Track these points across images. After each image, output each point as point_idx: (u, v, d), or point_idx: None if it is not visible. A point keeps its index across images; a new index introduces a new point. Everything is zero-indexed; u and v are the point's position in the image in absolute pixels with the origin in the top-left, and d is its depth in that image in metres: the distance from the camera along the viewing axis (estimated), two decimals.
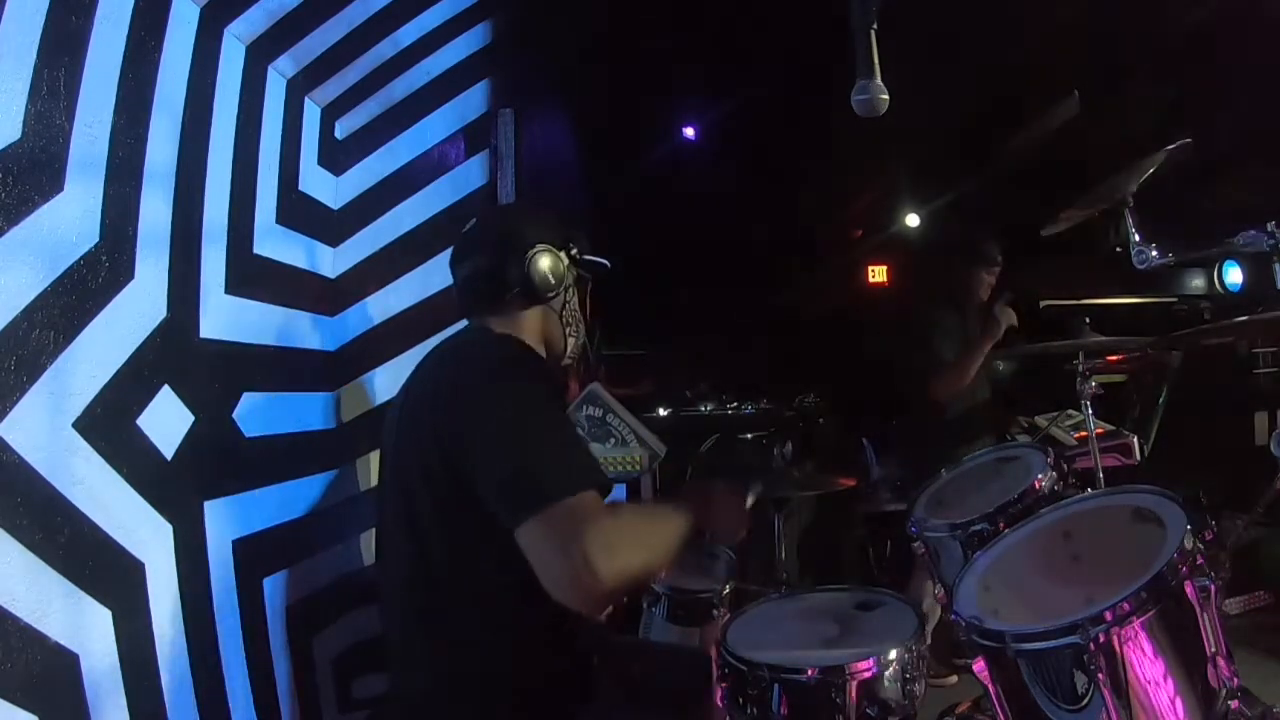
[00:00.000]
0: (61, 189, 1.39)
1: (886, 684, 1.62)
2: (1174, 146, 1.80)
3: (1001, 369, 4.66)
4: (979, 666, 1.53)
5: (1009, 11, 3.72)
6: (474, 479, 1.35)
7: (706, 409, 4.27)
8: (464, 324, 1.75)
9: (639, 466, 2.83)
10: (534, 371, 1.52)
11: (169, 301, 1.66)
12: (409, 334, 2.40)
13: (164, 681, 1.55)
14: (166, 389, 1.63)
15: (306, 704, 2.06)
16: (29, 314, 1.31)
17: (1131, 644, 1.34)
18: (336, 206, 2.39)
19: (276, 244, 2.09)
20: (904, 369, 3.56)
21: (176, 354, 1.66)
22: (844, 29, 1.41)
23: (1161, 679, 1.36)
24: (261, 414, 1.95)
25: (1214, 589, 1.42)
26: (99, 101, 1.48)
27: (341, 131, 2.41)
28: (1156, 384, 3.98)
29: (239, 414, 1.87)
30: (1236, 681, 1.42)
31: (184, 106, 1.73)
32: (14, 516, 1.26)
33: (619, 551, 1.27)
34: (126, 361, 1.52)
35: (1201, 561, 1.41)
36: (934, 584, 2.31)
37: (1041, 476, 2.09)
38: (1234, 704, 1.39)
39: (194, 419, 1.69)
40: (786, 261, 5.44)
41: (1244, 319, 2.17)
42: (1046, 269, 4.43)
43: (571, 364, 1.81)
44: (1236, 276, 4.47)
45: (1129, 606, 1.33)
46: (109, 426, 1.46)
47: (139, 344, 1.56)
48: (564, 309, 1.71)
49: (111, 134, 1.51)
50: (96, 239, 1.46)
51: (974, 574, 1.68)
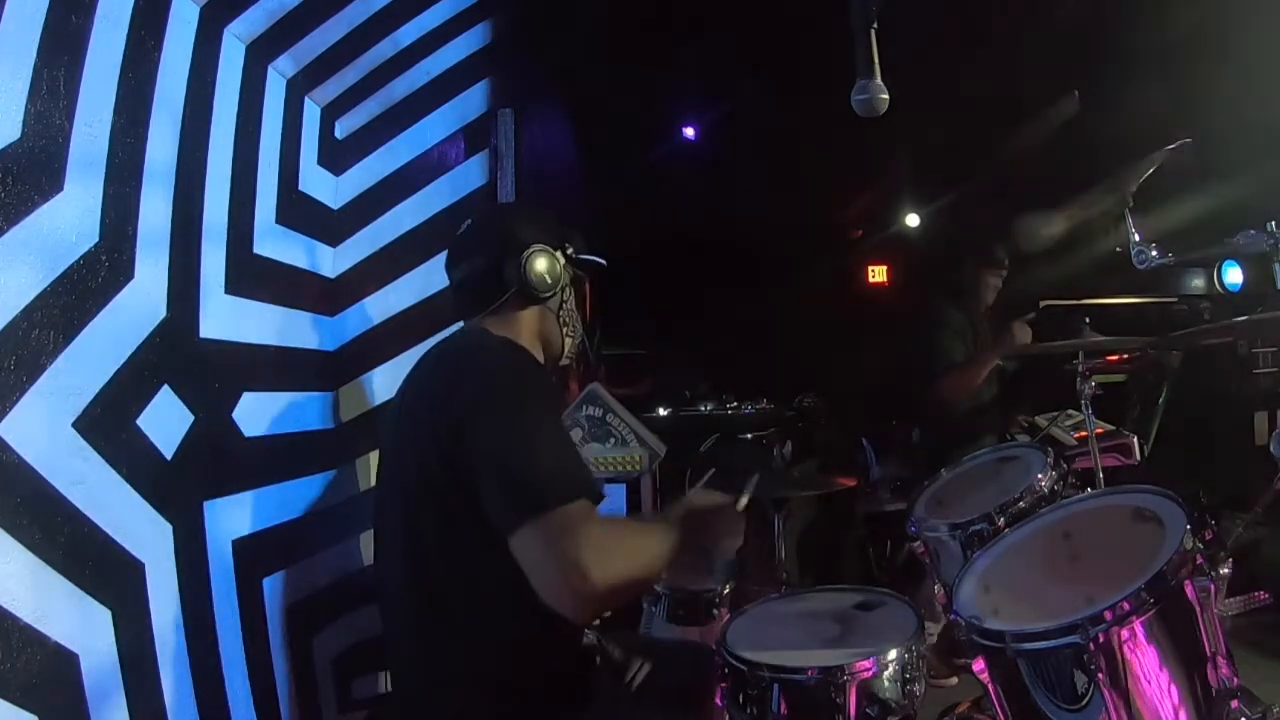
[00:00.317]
0: (61, 189, 1.38)
1: (886, 684, 1.62)
2: (1174, 146, 1.80)
3: (1003, 368, 4.67)
4: (979, 666, 1.53)
5: (1009, 11, 3.72)
6: (471, 482, 1.36)
7: (706, 409, 4.28)
8: (462, 324, 1.75)
9: (639, 466, 2.83)
10: (531, 377, 1.52)
11: (169, 301, 1.65)
12: (409, 334, 2.39)
13: (164, 681, 1.55)
14: (166, 389, 1.63)
15: (306, 704, 2.06)
16: (29, 314, 1.31)
17: (1131, 644, 1.34)
18: (336, 206, 2.39)
19: (276, 244, 2.09)
20: (909, 369, 3.56)
21: (176, 354, 1.66)
22: (844, 29, 1.41)
23: (1161, 679, 1.36)
24: (261, 414, 1.95)
25: (1214, 589, 1.42)
26: (99, 101, 1.48)
27: (341, 131, 2.41)
28: (1156, 384, 3.98)
29: (239, 414, 1.87)
30: (1236, 681, 1.42)
31: (184, 106, 1.73)
32: (14, 516, 1.26)
33: (611, 561, 1.28)
34: (126, 361, 1.52)
35: (1201, 561, 1.41)
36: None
37: (1041, 476, 2.09)
38: (1234, 704, 1.39)
39: (194, 419, 1.69)
40: (786, 261, 5.44)
41: (1244, 319, 2.17)
42: (1046, 269, 4.43)
43: (570, 364, 1.81)
44: (1236, 276, 4.46)
45: (1129, 606, 1.33)
46: (109, 426, 1.46)
47: (139, 344, 1.56)
48: (561, 309, 1.71)
49: (111, 134, 1.51)
50: (96, 239, 1.46)
51: (974, 574, 1.68)
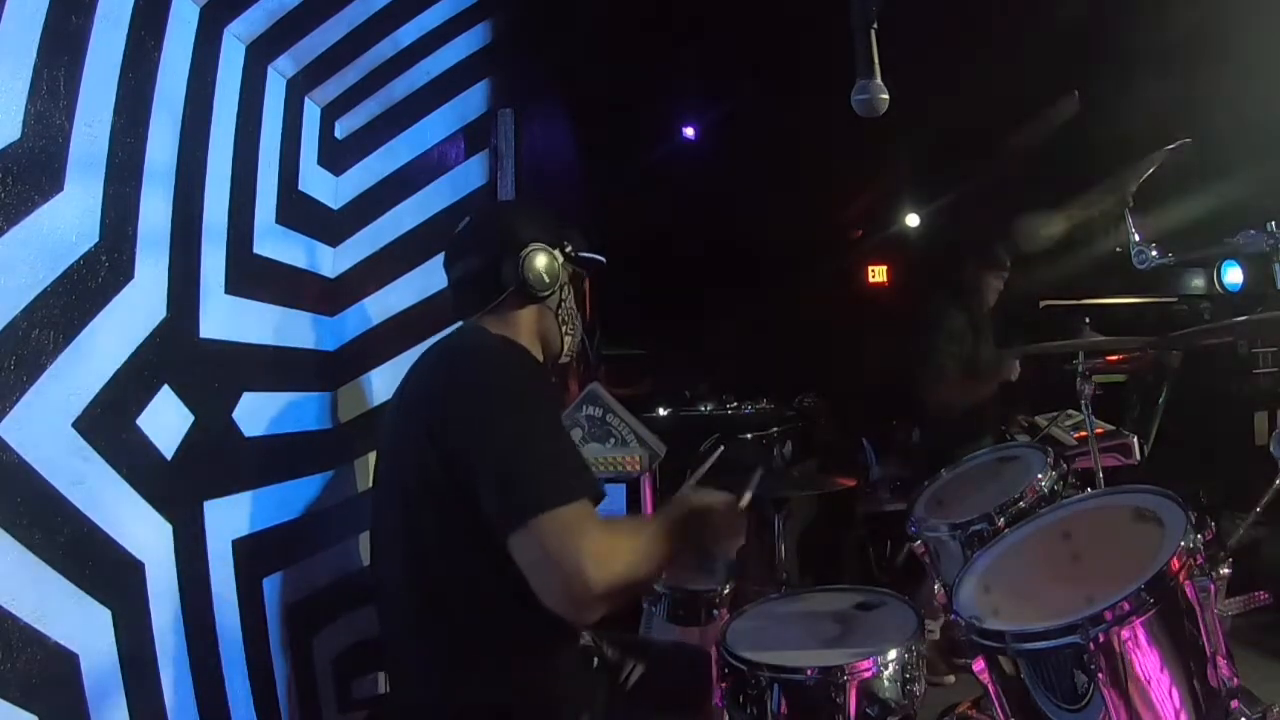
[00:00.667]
0: (61, 189, 1.38)
1: (886, 684, 1.62)
2: (1174, 146, 1.80)
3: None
4: (979, 666, 1.53)
5: (1009, 11, 3.72)
6: (469, 481, 1.36)
7: (706, 409, 4.28)
8: (461, 324, 1.75)
9: (639, 466, 2.83)
10: (530, 376, 1.51)
11: (169, 301, 1.65)
12: (409, 334, 2.39)
13: (164, 681, 1.55)
14: (166, 389, 1.62)
15: (306, 704, 2.06)
16: (29, 314, 1.31)
17: (1131, 644, 1.34)
18: (336, 206, 2.39)
19: (276, 244, 2.09)
20: (908, 370, 3.57)
21: (176, 354, 1.66)
22: (844, 29, 1.41)
23: (1161, 678, 1.36)
24: (261, 414, 1.95)
25: (1214, 589, 1.42)
26: (99, 101, 1.48)
27: (341, 131, 2.40)
28: (1156, 384, 3.98)
29: (239, 414, 1.87)
30: (1236, 681, 1.42)
31: (184, 106, 1.73)
32: (14, 516, 1.26)
33: (610, 563, 1.28)
34: (126, 361, 1.52)
35: (1201, 561, 1.41)
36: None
37: (1041, 476, 2.09)
38: (1234, 704, 1.39)
39: (194, 419, 1.69)
40: (786, 261, 5.44)
41: (1244, 319, 2.17)
42: (1046, 269, 4.43)
43: (569, 362, 1.81)
44: (1236, 276, 4.46)
45: (1129, 606, 1.33)
46: (109, 426, 1.46)
47: (139, 344, 1.56)
48: (560, 307, 1.69)
49: (111, 134, 1.51)
50: (96, 239, 1.46)
51: (974, 574, 1.68)
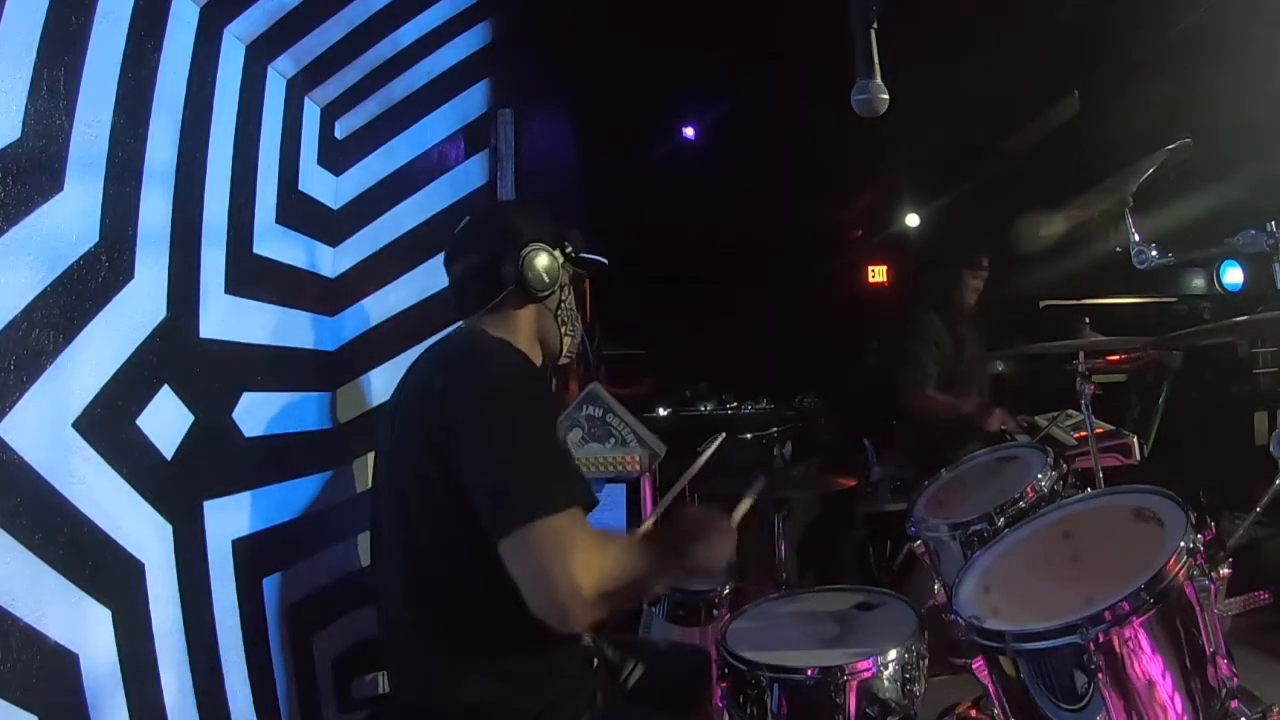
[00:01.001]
0: (61, 189, 1.39)
1: (886, 684, 1.62)
2: (1174, 146, 1.80)
3: (1001, 369, 4.67)
4: (979, 666, 1.53)
5: (1009, 12, 3.72)
6: (464, 485, 1.36)
7: (706, 409, 4.28)
8: (460, 324, 1.74)
9: (639, 466, 2.83)
10: (527, 382, 1.50)
11: (169, 301, 1.66)
12: (408, 334, 2.39)
13: (164, 681, 1.55)
14: (166, 389, 1.63)
15: (306, 704, 2.06)
16: (29, 314, 1.31)
17: (1131, 644, 1.34)
18: (336, 206, 2.39)
19: (276, 244, 2.09)
20: (888, 373, 3.64)
21: (176, 354, 1.66)
22: (844, 29, 1.41)
23: (1161, 678, 1.36)
24: (261, 414, 1.95)
25: (1214, 589, 1.42)
26: (99, 101, 1.48)
27: (341, 131, 2.41)
28: (1156, 384, 3.98)
29: (238, 414, 1.87)
30: (1236, 681, 1.42)
31: (184, 106, 1.73)
32: (14, 516, 1.26)
33: (598, 572, 1.29)
34: (126, 361, 1.52)
35: (1201, 561, 1.41)
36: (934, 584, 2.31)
37: (1041, 476, 2.09)
38: (1234, 704, 1.40)
39: (193, 419, 1.69)
40: (786, 261, 5.44)
41: (1244, 319, 2.17)
42: (1046, 269, 4.43)
43: (569, 362, 1.80)
44: (1235, 276, 4.46)
45: (1129, 606, 1.33)
46: (109, 426, 1.46)
47: (139, 344, 1.56)
48: (559, 308, 1.69)
49: (111, 134, 1.51)
50: (96, 239, 1.46)
51: (974, 574, 1.68)
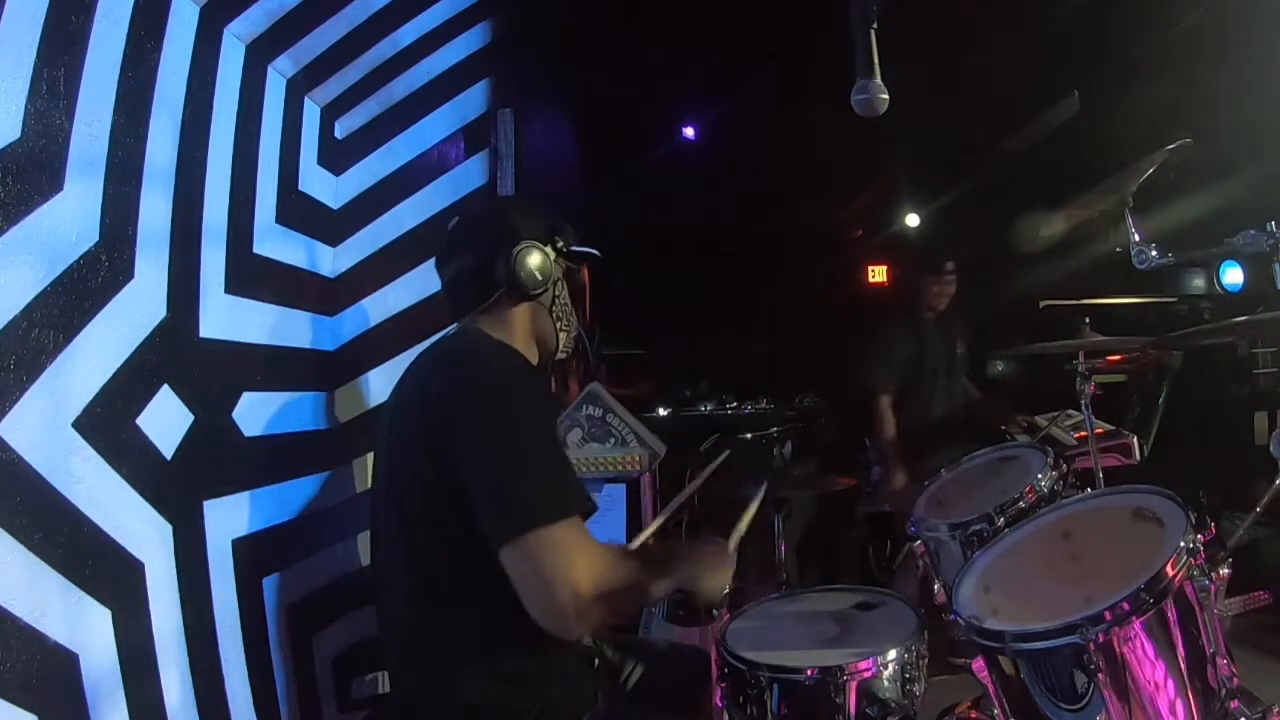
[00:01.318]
0: (61, 188, 1.39)
1: (886, 684, 1.62)
2: (1174, 146, 1.80)
3: (1001, 369, 4.68)
4: (979, 666, 1.53)
5: (1009, 11, 3.72)
6: (463, 489, 1.36)
7: (706, 409, 4.28)
8: (457, 325, 1.73)
9: (639, 466, 2.83)
10: (526, 386, 1.49)
11: (169, 301, 1.66)
12: (408, 334, 2.39)
13: (164, 681, 1.55)
14: (166, 389, 1.63)
15: (306, 704, 2.06)
16: (29, 313, 1.31)
17: (1131, 644, 1.34)
18: (336, 206, 2.39)
19: (276, 244, 2.09)
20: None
21: (176, 354, 1.66)
22: (844, 29, 1.41)
23: (1161, 679, 1.36)
24: (261, 414, 1.95)
25: (1214, 589, 1.42)
26: (99, 101, 1.48)
27: (341, 131, 2.41)
28: (1156, 384, 3.98)
29: (238, 414, 1.87)
30: (1236, 681, 1.42)
31: (184, 106, 1.73)
32: (14, 516, 1.26)
33: (599, 581, 1.29)
34: (126, 361, 1.52)
35: (1201, 561, 1.41)
36: (933, 584, 2.31)
37: (1041, 476, 2.09)
38: (1234, 704, 1.40)
39: (193, 419, 1.69)
40: (786, 261, 5.44)
41: (1244, 319, 2.17)
42: (1046, 269, 4.44)
43: (569, 362, 1.80)
44: (1235, 277, 4.46)
45: (1129, 606, 1.33)
46: (109, 426, 1.46)
47: (139, 344, 1.56)
48: (554, 304, 1.67)
49: (111, 133, 1.51)
50: (96, 238, 1.46)
51: (974, 574, 1.68)
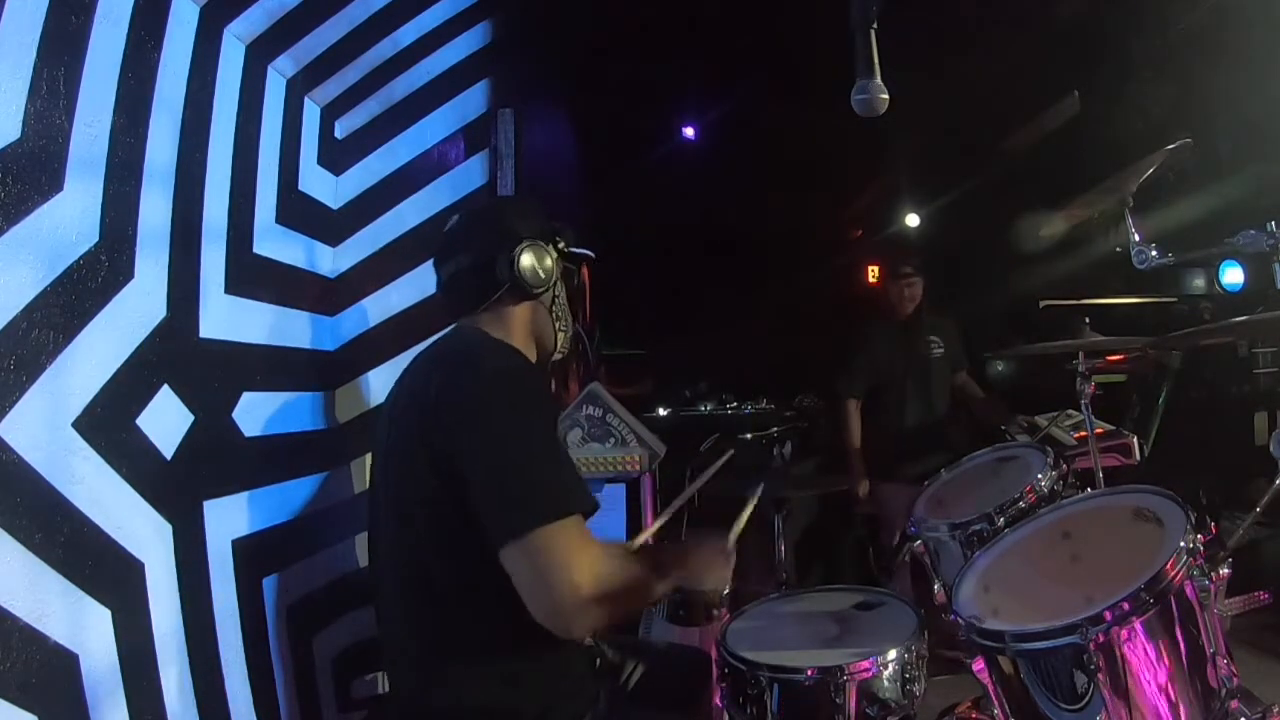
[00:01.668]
0: (61, 188, 1.39)
1: (886, 684, 1.62)
2: (1174, 146, 1.80)
3: (1001, 369, 4.67)
4: (979, 666, 1.53)
5: (1009, 11, 3.72)
6: (463, 488, 1.35)
7: (706, 409, 4.27)
8: (455, 325, 1.73)
9: (639, 466, 2.83)
10: (526, 385, 1.49)
11: (169, 301, 1.66)
12: (408, 334, 2.39)
13: (164, 681, 1.56)
14: (166, 389, 1.63)
15: (306, 703, 2.06)
16: (29, 313, 1.31)
17: (1131, 644, 1.34)
18: (336, 206, 2.39)
19: (276, 244, 2.09)
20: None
21: (176, 354, 1.66)
22: (844, 29, 1.41)
23: (1161, 679, 1.36)
24: (261, 414, 1.95)
25: (1214, 589, 1.42)
26: (99, 101, 1.48)
27: (341, 131, 2.41)
28: (1156, 384, 3.98)
29: (238, 414, 1.87)
30: (1236, 681, 1.42)
31: (184, 106, 1.74)
32: (14, 516, 1.26)
33: (600, 581, 1.29)
34: (126, 361, 1.52)
35: (1201, 561, 1.41)
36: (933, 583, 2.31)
37: (1041, 476, 2.09)
38: (1234, 704, 1.40)
39: (193, 419, 1.69)
40: (786, 261, 5.43)
41: (1244, 319, 2.17)
42: (1046, 269, 4.43)
43: (570, 362, 1.80)
44: (1234, 277, 4.45)
45: (1129, 606, 1.33)
46: (109, 426, 1.46)
47: (139, 344, 1.56)
48: (554, 304, 1.68)
49: (111, 133, 1.51)
50: (96, 238, 1.46)
51: (974, 574, 1.68)
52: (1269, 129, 3.65)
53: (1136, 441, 3.04)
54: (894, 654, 1.64)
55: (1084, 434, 2.60)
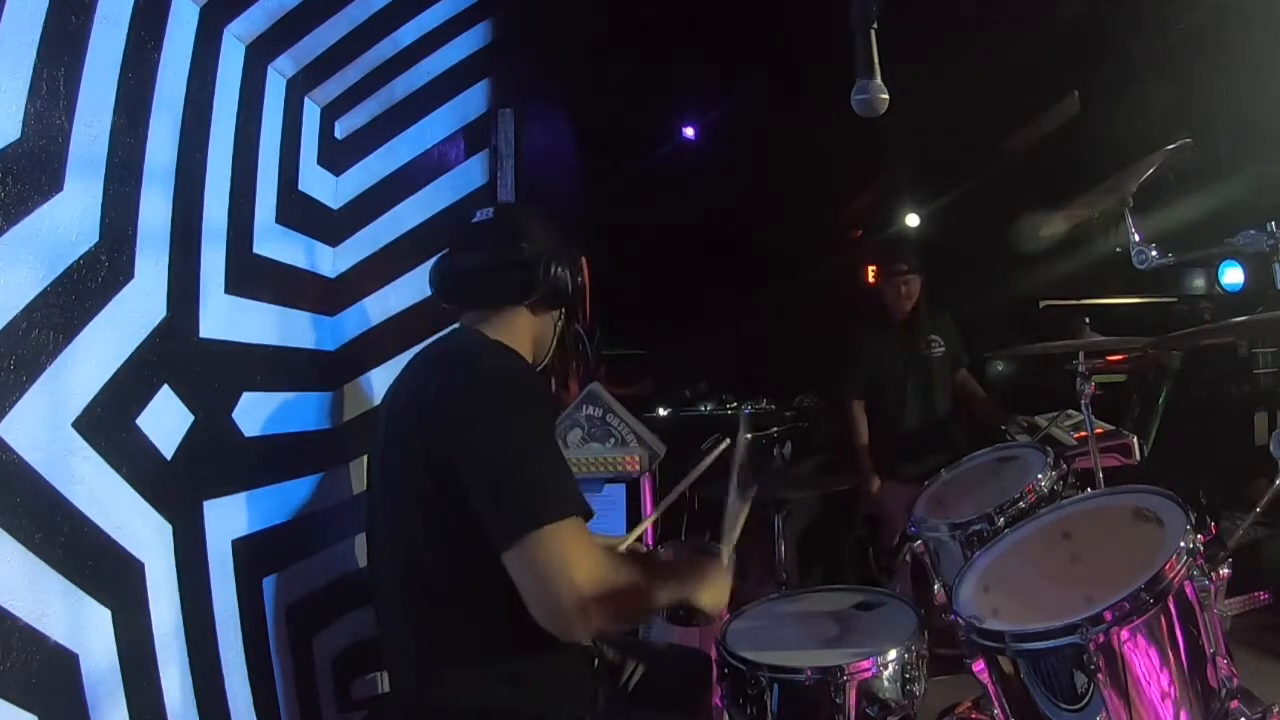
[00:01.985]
0: (61, 188, 1.39)
1: (886, 684, 1.62)
2: (1174, 146, 1.80)
3: (1001, 369, 4.67)
4: (979, 666, 1.53)
5: (1009, 11, 3.72)
6: (463, 488, 1.35)
7: (706, 409, 4.28)
8: (457, 325, 1.73)
9: (639, 466, 2.83)
10: (526, 387, 1.49)
11: (169, 301, 1.66)
12: (408, 334, 2.39)
13: (164, 681, 1.55)
14: (166, 389, 1.63)
15: (306, 704, 2.06)
16: (29, 313, 1.31)
17: (1131, 644, 1.34)
18: (336, 206, 2.39)
19: (276, 244, 2.09)
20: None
21: (176, 354, 1.66)
22: (844, 29, 1.41)
23: (1161, 679, 1.36)
24: (261, 414, 1.95)
25: (1214, 589, 1.42)
26: (99, 101, 1.48)
27: (341, 131, 2.41)
28: (1156, 384, 3.98)
29: (238, 414, 1.87)
30: (1236, 681, 1.42)
31: (184, 106, 1.73)
32: (14, 516, 1.26)
33: (602, 583, 1.29)
34: (126, 361, 1.52)
35: (1201, 561, 1.41)
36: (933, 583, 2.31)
37: (1041, 476, 2.09)
38: (1234, 704, 1.40)
39: (193, 419, 1.69)
40: (786, 261, 5.44)
41: (1244, 319, 2.17)
42: (1046, 269, 4.44)
43: (563, 357, 1.81)
44: (1234, 277, 4.45)
45: (1129, 606, 1.33)
46: (109, 426, 1.46)
47: (139, 344, 1.56)
48: (558, 320, 1.71)
49: (111, 134, 1.51)
50: (96, 238, 1.46)
51: (974, 574, 1.68)
52: (1269, 129, 3.65)
53: (1136, 441, 3.04)
54: (894, 654, 1.64)
55: (1084, 434, 2.60)
